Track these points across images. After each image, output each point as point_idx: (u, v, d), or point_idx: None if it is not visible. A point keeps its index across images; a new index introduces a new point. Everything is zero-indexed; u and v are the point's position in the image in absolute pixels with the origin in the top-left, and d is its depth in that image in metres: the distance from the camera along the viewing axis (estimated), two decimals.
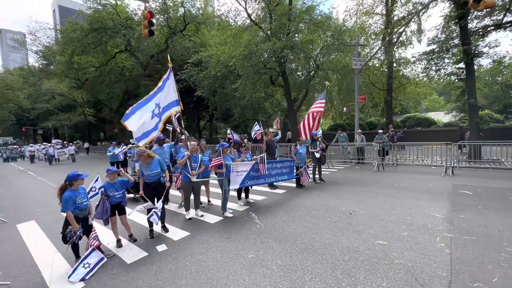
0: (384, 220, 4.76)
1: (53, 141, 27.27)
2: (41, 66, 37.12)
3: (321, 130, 8.86)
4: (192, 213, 5.63)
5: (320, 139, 8.52)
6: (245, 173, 5.70)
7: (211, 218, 5.44)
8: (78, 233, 3.44)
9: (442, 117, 29.49)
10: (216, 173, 5.71)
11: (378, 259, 3.40)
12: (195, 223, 5.22)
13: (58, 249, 4.22)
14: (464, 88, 13.65)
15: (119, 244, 4.24)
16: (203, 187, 6.46)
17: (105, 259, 3.72)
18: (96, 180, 4.32)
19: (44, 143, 34.02)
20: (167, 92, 5.23)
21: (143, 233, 4.77)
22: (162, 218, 4.74)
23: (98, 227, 4.48)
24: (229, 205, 6.32)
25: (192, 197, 5.59)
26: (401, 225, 4.51)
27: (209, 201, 6.62)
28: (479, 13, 12.06)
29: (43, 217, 6.22)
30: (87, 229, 3.66)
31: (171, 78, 5.30)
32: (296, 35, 15.72)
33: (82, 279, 3.34)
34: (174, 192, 7.65)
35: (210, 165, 5.52)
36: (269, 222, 5.03)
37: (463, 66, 12.64)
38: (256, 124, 10.04)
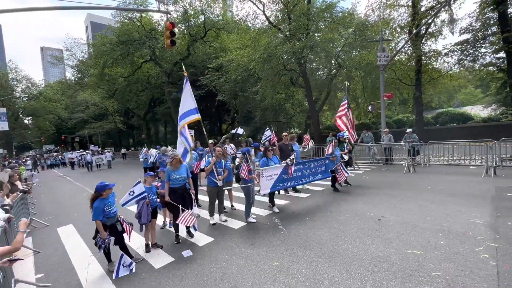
0: (417, 227, 4.44)
1: (92, 147, 29.12)
2: (76, 79, 40.27)
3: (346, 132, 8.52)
4: (216, 218, 5.69)
5: (347, 141, 8.25)
6: (275, 176, 5.51)
7: (235, 224, 5.46)
8: (106, 240, 3.62)
9: (480, 111, 27.08)
10: (236, 179, 5.74)
11: (412, 271, 3.16)
12: (219, 229, 5.26)
13: (93, 253, 4.48)
14: (505, 80, 12.43)
15: (147, 249, 4.39)
16: (226, 192, 6.50)
17: (134, 264, 3.87)
18: (137, 184, 4.34)
19: (81, 149, 36.71)
20: (185, 100, 5.49)
21: (169, 238, 4.90)
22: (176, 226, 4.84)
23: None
24: (252, 210, 6.31)
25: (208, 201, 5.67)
26: (437, 232, 4.17)
27: (232, 205, 6.66)
28: None
29: (80, 221, 6.66)
30: (116, 235, 3.83)
31: (188, 87, 5.53)
32: (316, 34, 15.42)
33: (116, 275, 3.63)
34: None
35: (241, 174, 5.33)
36: (293, 228, 4.92)
37: (504, 56, 11.52)
38: (268, 130, 9.69)
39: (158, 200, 4.58)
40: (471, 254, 3.44)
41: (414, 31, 14.58)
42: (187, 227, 4.87)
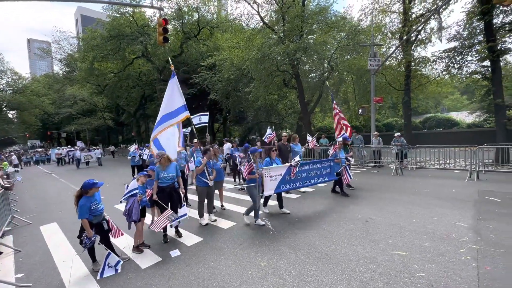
0: (403, 229, 4.54)
1: (78, 143, 28.19)
2: (64, 73, 39.15)
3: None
4: (206, 218, 5.64)
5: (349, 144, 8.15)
6: (279, 177, 5.24)
7: (224, 224, 5.43)
8: (92, 239, 3.53)
9: (465, 117, 27.99)
10: (236, 178, 5.67)
11: (397, 272, 3.23)
12: (208, 229, 5.22)
13: (77, 252, 4.36)
14: (489, 87, 12.88)
15: (139, 250, 4.28)
16: (216, 191, 6.45)
17: (121, 262, 3.80)
18: (133, 180, 4.41)
19: (68, 146, 35.60)
20: (172, 96, 5.19)
21: (157, 237, 4.83)
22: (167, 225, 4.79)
23: None
24: (238, 208, 6.30)
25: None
26: (422, 234, 4.28)
27: (222, 205, 6.61)
28: (505, 8, 11.37)
29: (65, 219, 6.48)
30: (102, 234, 3.74)
31: (176, 82, 5.20)
32: (310, 37, 15.54)
33: (101, 276, 3.55)
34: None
35: (246, 174, 5.08)
36: (282, 228, 4.94)
37: (488, 64, 11.94)
38: (269, 128, 9.93)
39: (147, 199, 4.51)
40: (453, 255, 3.54)
41: (405, 37, 14.91)
42: (176, 227, 4.81)
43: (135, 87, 30.70)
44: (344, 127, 8.08)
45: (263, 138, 10.50)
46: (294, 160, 5.53)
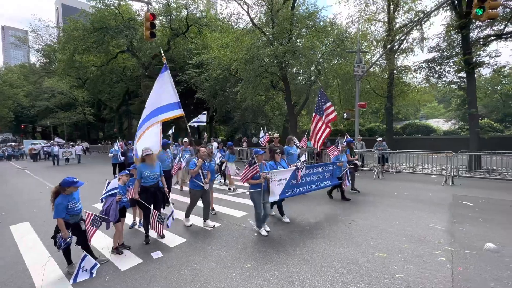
0: (384, 231, 4.68)
1: (57, 139, 26.37)
2: (42, 64, 37.10)
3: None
4: (191, 220, 5.40)
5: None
6: (284, 181, 4.82)
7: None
8: (67, 240, 3.35)
9: (441, 124, 29.50)
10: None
11: (378, 273, 3.32)
12: (192, 229, 5.13)
13: (51, 254, 4.12)
14: (464, 98, 13.66)
15: (118, 252, 4.11)
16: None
17: (98, 265, 3.63)
18: (114, 179, 4.18)
19: (45, 140, 33.58)
20: (162, 91, 4.79)
21: (138, 238, 4.68)
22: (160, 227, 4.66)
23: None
24: (222, 209, 6.25)
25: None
26: (401, 236, 4.44)
27: (212, 208, 6.17)
28: (480, 23, 12.11)
29: (38, 218, 6.12)
30: (79, 235, 3.57)
31: (168, 76, 4.80)
32: (298, 40, 15.75)
33: (75, 280, 3.36)
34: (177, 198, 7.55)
35: (246, 178, 4.56)
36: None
37: (464, 75, 12.65)
38: (262, 130, 9.92)
39: (127, 199, 4.32)
40: (430, 257, 3.70)
41: (389, 45, 15.49)
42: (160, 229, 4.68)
43: (119, 82, 29.70)
44: (320, 134, 7.56)
45: (258, 140, 10.44)
46: (299, 161, 5.17)
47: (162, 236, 4.68)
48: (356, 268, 3.46)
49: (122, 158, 10.68)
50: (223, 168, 8.63)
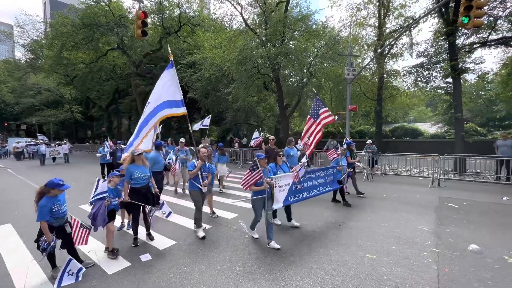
0: (373, 233, 4.76)
1: (40, 137, 25.28)
2: (28, 60, 35.94)
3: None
4: (202, 230, 4.97)
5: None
6: (288, 187, 4.57)
7: None
8: (51, 243, 3.24)
9: (429, 128, 30.30)
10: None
11: (366, 274, 3.37)
12: (182, 231, 5.06)
13: (35, 257, 3.98)
14: (451, 102, 14.08)
15: (113, 255, 3.98)
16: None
17: (84, 269, 3.52)
18: (98, 182, 3.95)
19: (30, 138, 32.36)
20: (167, 87, 4.72)
21: (127, 240, 4.58)
22: (148, 226, 4.58)
23: None
24: (216, 211, 6.20)
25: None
26: (389, 238, 4.52)
27: (213, 212, 6.02)
28: (466, 31, 12.54)
29: (21, 220, 5.90)
30: (64, 238, 3.46)
31: (174, 73, 4.77)
32: (291, 42, 15.86)
33: (59, 284, 3.25)
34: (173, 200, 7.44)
35: (248, 184, 4.27)
36: (257, 232, 4.93)
37: (451, 81, 13.05)
38: (256, 131, 9.88)
39: (117, 202, 4.21)
40: (417, 258, 3.78)
41: (379, 50, 15.80)
42: (148, 229, 4.60)
43: (109, 80, 29.09)
44: (313, 137, 7.23)
45: (250, 142, 10.33)
46: (300, 162, 4.98)
47: (151, 238, 4.60)
48: (346, 270, 3.50)
49: (110, 157, 10.45)
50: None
